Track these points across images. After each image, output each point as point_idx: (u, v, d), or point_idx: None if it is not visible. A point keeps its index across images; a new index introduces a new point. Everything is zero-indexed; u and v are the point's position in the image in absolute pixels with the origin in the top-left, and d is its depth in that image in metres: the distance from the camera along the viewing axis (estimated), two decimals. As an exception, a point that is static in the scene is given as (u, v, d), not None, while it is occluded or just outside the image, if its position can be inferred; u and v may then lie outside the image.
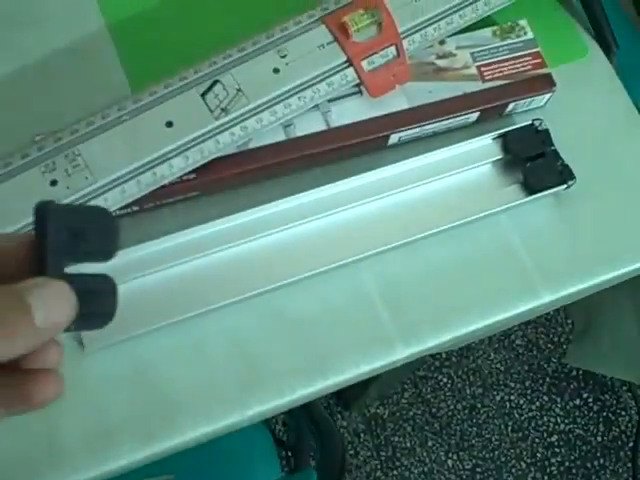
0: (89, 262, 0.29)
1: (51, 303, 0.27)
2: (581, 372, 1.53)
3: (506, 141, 0.53)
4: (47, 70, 0.53)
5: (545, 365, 1.53)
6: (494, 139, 0.54)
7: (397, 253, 0.50)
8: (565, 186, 0.52)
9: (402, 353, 0.48)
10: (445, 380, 1.50)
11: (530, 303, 0.51)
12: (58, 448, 0.44)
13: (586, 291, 0.53)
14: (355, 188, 0.51)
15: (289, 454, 0.87)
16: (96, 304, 0.29)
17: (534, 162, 0.53)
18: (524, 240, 0.52)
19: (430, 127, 0.53)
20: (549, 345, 1.55)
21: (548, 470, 1.47)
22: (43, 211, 0.27)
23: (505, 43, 0.55)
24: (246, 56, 0.50)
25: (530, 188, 0.52)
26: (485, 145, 0.54)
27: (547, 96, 0.55)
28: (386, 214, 0.51)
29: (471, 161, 0.53)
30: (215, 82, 0.49)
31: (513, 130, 0.54)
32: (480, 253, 0.52)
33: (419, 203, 0.52)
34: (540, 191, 0.52)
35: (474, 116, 0.54)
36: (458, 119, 0.54)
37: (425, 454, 1.44)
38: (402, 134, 0.52)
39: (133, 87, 0.53)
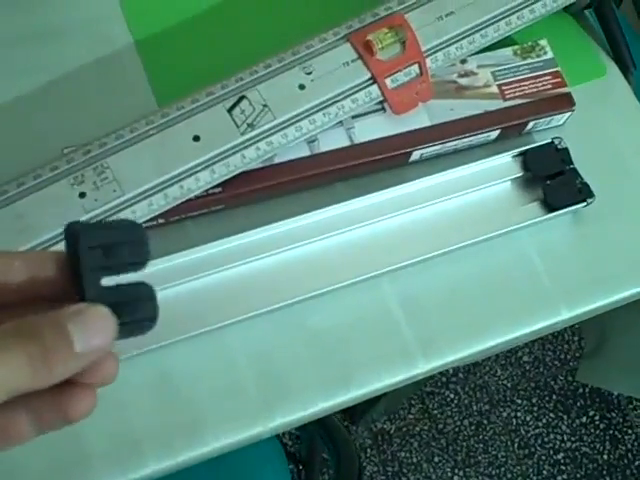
0: (123, 274, 0.30)
1: (91, 329, 0.27)
2: (588, 390, 1.53)
3: (526, 159, 0.54)
4: (75, 84, 0.54)
5: (552, 382, 1.54)
6: (514, 157, 0.54)
7: (418, 268, 0.51)
8: (584, 204, 0.53)
9: (423, 367, 0.49)
10: (452, 396, 1.50)
11: (549, 320, 0.51)
12: (82, 456, 0.44)
13: (604, 308, 0.53)
14: (377, 204, 0.52)
15: (300, 467, 0.87)
16: (137, 312, 0.30)
17: (554, 180, 0.53)
18: (543, 257, 0.53)
19: (451, 144, 0.54)
20: (556, 362, 1.55)
21: (554, 488, 1.46)
22: (74, 232, 0.28)
23: (525, 62, 0.56)
24: (272, 72, 0.51)
25: (549, 206, 0.53)
26: (505, 163, 0.54)
27: (566, 115, 0.56)
28: (407, 230, 0.52)
29: (491, 178, 0.54)
30: (242, 98, 0.50)
31: (533, 148, 0.54)
32: (500, 270, 0.53)
33: (440, 219, 0.53)
34: (559, 209, 0.53)
35: (494, 134, 0.55)
36: (479, 137, 0.54)
37: (431, 470, 1.44)
38: (424, 151, 0.53)
39: (160, 101, 0.54)
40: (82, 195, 0.47)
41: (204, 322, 0.47)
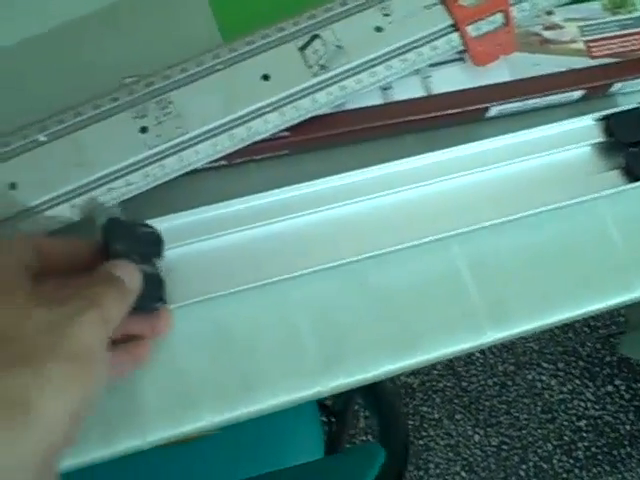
0: (143, 263, 0.40)
1: (127, 272, 0.38)
2: (615, 359, 1.52)
3: (609, 123, 0.51)
4: (134, 12, 0.51)
5: (580, 348, 1.52)
6: (596, 120, 0.51)
7: (489, 232, 0.48)
8: (668, 175, 0.50)
9: (491, 336, 0.47)
10: (478, 355, 1.49)
11: (623, 295, 0.49)
12: (136, 408, 0.42)
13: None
14: (449, 160, 0.49)
15: (331, 419, 0.86)
16: (149, 290, 0.39)
17: (637, 147, 0.50)
18: (620, 229, 0.50)
19: (531, 102, 0.50)
20: (585, 329, 1.53)
21: (574, 454, 1.46)
22: (109, 226, 0.40)
23: (615, 19, 0.52)
24: (348, 11, 0.48)
25: (631, 174, 0.50)
26: (586, 126, 0.51)
27: (656, 78, 0.52)
28: (479, 191, 0.49)
29: (570, 142, 0.51)
30: (314, 37, 0.47)
31: (617, 112, 0.51)
32: (574, 239, 0.50)
33: (514, 182, 0.50)
34: (642, 178, 0.50)
35: (578, 94, 0.51)
36: (561, 96, 0.51)
37: (452, 427, 1.43)
38: (502, 107, 0.50)
39: (224, 36, 0.51)
40: (144, 130, 0.44)
41: (264, 274, 0.45)
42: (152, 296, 0.40)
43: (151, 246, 0.42)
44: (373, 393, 0.67)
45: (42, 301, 0.33)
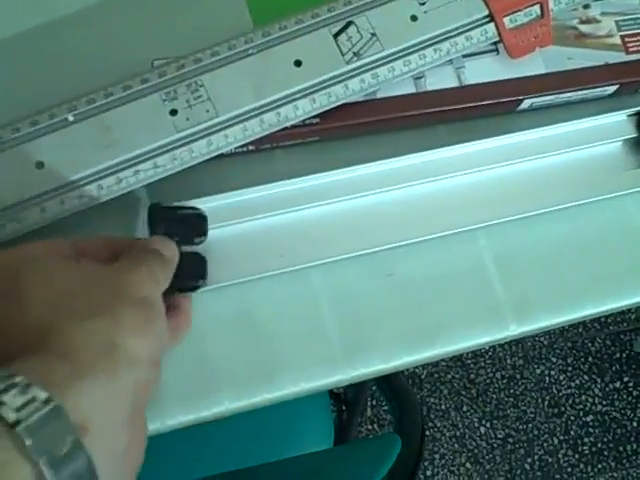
0: (185, 244, 0.41)
1: (163, 245, 0.38)
2: (624, 355, 1.51)
3: (642, 120, 0.50)
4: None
5: (589, 344, 1.51)
6: (629, 116, 0.50)
7: (516, 225, 0.48)
8: (700, 174, 0.49)
9: (514, 330, 0.46)
10: (487, 347, 1.48)
11: (648, 294, 0.48)
12: (156, 390, 0.42)
13: None
14: (479, 152, 0.48)
15: (343, 408, 0.86)
16: (192, 270, 0.41)
17: (670, 145, 0.50)
18: (650, 227, 0.50)
19: (565, 96, 0.50)
20: (595, 325, 1.53)
21: (580, 449, 1.46)
22: (153, 210, 0.41)
23: (653, 14, 0.51)
24: (383, -2, 0.47)
25: (663, 173, 0.49)
26: (619, 121, 0.50)
27: (691, 76, 0.51)
28: (509, 184, 0.49)
29: (602, 137, 0.50)
30: (349, 23, 0.46)
31: (651, 109, 0.50)
32: (602, 235, 0.49)
33: (544, 176, 0.49)
34: (673, 177, 0.49)
35: (611, 89, 0.51)
36: (595, 90, 0.50)
37: (459, 418, 1.43)
38: (535, 100, 0.49)
39: (256, 21, 0.50)
40: (173, 112, 0.44)
41: (288, 261, 0.45)
42: (194, 274, 0.41)
43: (194, 226, 0.42)
44: (388, 382, 0.66)
45: (93, 267, 0.35)
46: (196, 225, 0.42)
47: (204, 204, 0.44)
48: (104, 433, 0.28)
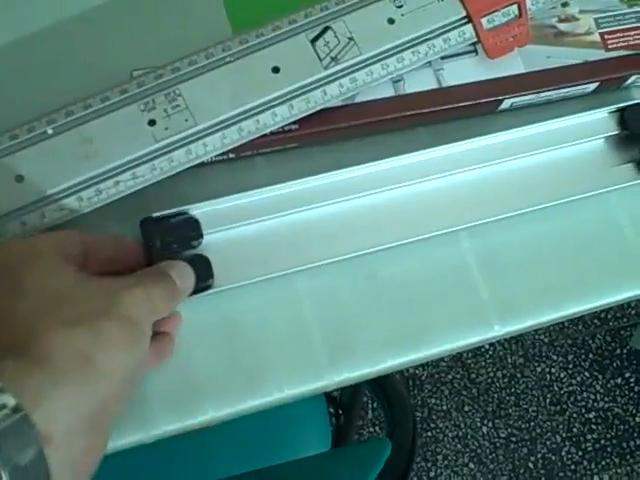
0: (185, 250, 0.43)
1: (182, 273, 0.39)
2: (625, 351, 1.51)
3: (624, 116, 0.50)
4: (144, 4, 0.50)
5: (590, 341, 1.51)
6: (611, 113, 0.50)
7: (499, 226, 0.47)
8: (683, 169, 0.49)
9: (499, 331, 0.46)
10: (487, 347, 1.48)
11: (634, 290, 0.48)
12: (140, 399, 0.42)
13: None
14: (461, 153, 0.48)
15: (339, 411, 0.86)
16: (197, 275, 0.41)
17: (652, 141, 0.50)
18: (634, 223, 0.50)
19: (545, 95, 0.50)
20: (595, 321, 1.53)
21: (583, 446, 1.45)
22: (145, 224, 0.42)
23: (632, 10, 0.51)
24: (360, 3, 0.47)
25: (646, 168, 0.49)
26: (600, 119, 0.50)
27: (672, 71, 0.51)
28: (491, 184, 0.48)
29: (584, 135, 0.50)
30: (326, 29, 0.46)
31: (632, 105, 0.50)
32: (586, 234, 0.49)
33: (526, 175, 0.49)
34: (656, 172, 0.49)
35: (592, 86, 0.51)
36: (575, 88, 0.50)
37: (460, 419, 1.43)
38: (515, 100, 0.49)
39: (235, 28, 0.50)
40: (152, 123, 0.44)
41: (271, 268, 0.45)
42: (202, 277, 0.42)
43: (189, 231, 0.43)
44: (381, 385, 0.66)
45: (92, 276, 0.35)
46: (191, 229, 0.43)
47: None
48: (63, 443, 0.29)
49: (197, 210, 0.44)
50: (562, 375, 1.48)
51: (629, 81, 0.51)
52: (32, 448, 0.27)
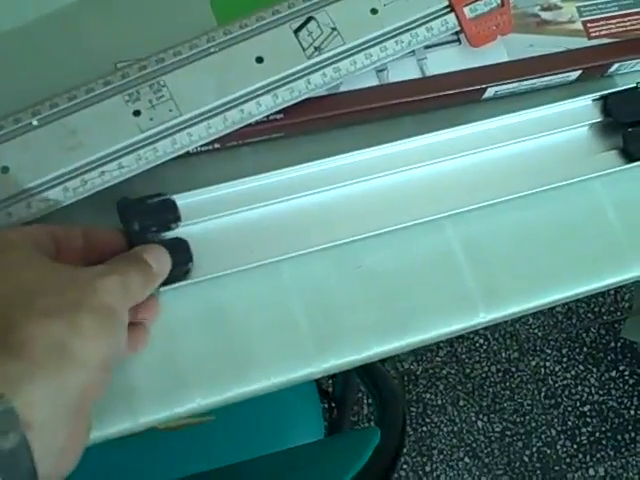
0: (164, 232, 0.43)
1: (157, 257, 0.40)
2: (619, 344, 1.51)
3: (607, 103, 0.50)
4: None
5: (583, 334, 1.52)
6: (594, 100, 0.51)
7: (484, 213, 0.48)
8: (667, 155, 0.50)
9: (484, 317, 0.47)
10: (481, 342, 1.48)
11: (619, 275, 0.49)
12: (127, 389, 0.42)
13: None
14: (446, 141, 0.49)
15: (332, 405, 0.86)
16: (175, 258, 0.42)
17: (635, 128, 0.50)
18: (618, 210, 0.50)
19: (528, 83, 0.50)
20: (589, 315, 1.53)
21: (578, 439, 1.46)
22: (123, 206, 0.42)
23: (614, -2, 0.52)
24: (343, -7, 0.47)
25: (629, 155, 0.49)
26: (584, 106, 0.51)
27: (654, 58, 0.52)
28: (475, 172, 0.49)
29: (568, 122, 0.50)
30: (309, 19, 0.47)
31: (615, 92, 0.50)
32: (570, 220, 0.50)
33: (510, 163, 0.49)
34: None
35: (575, 74, 0.51)
36: (559, 76, 0.51)
37: (456, 413, 1.44)
38: (499, 88, 0.50)
39: (219, 19, 0.50)
40: (137, 113, 0.44)
41: (257, 256, 0.45)
42: (181, 260, 0.42)
43: (167, 213, 0.43)
44: (371, 376, 0.67)
45: (66, 265, 0.36)
46: (168, 211, 0.43)
47: (170, 203, 0.44)
48: (45, 430, 0.29)
49: (183, 200, 0.44)
50: (557, 369, 1.49)
51: (612, 69, 0.52)
52: (15, 434, 0.27)
